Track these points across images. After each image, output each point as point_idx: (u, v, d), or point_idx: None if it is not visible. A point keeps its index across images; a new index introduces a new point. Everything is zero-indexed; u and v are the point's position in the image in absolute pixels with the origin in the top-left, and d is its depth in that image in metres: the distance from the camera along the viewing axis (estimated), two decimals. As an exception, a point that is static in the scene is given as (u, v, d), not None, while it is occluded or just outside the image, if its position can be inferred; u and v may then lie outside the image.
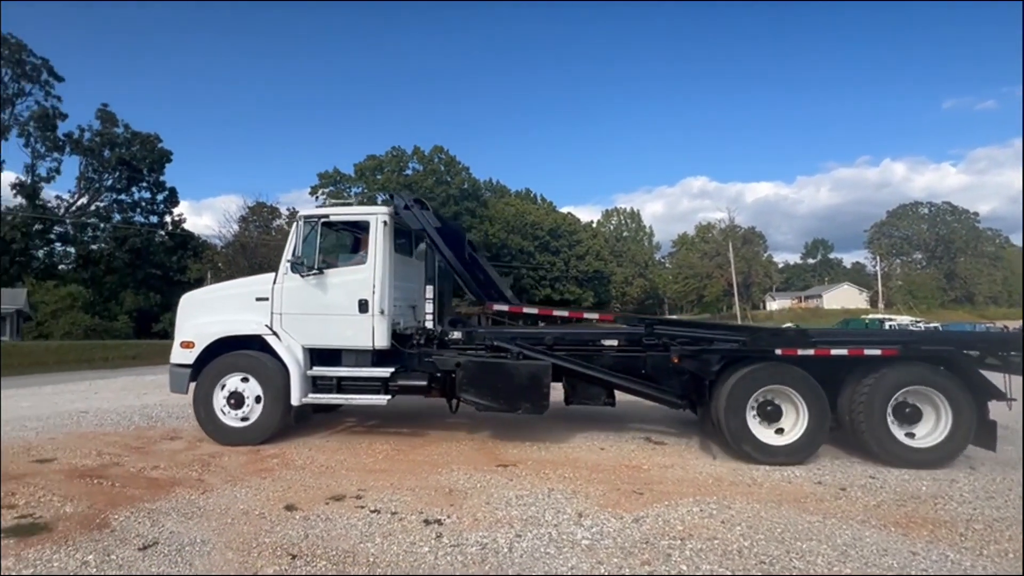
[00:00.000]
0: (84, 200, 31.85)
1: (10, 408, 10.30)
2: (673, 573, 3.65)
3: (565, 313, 8.28)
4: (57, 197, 31.41)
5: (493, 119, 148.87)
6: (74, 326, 34.66)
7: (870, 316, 45.95)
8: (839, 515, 4.63)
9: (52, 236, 31.31)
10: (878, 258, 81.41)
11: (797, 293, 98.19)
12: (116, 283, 34.86)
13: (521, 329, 8.05)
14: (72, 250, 31.88)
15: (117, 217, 32.50)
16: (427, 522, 4.50)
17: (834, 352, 6.39)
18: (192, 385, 7.31)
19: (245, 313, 7.43)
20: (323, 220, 7.40)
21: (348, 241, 8.22)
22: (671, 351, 6.96)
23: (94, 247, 30.93)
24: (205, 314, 7.66)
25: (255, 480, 5.63)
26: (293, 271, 7.30)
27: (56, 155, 30.34)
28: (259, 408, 7.15)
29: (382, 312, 7.20)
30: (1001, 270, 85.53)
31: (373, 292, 7.18)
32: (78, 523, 4.49)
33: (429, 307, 7.76)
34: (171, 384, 7.53)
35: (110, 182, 32.18)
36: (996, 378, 6.37)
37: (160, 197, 33.30)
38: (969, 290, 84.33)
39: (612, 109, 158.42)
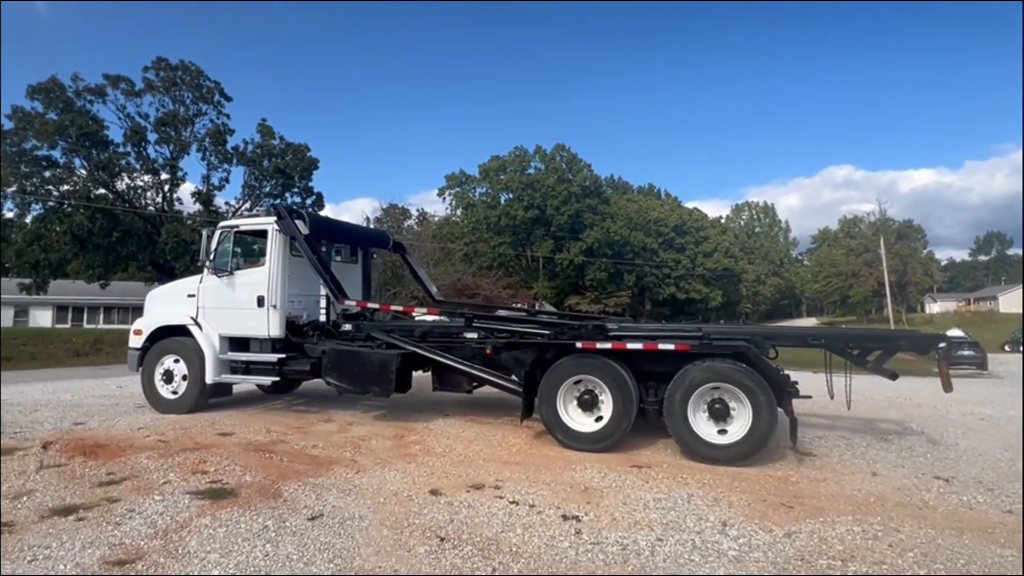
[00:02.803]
0: (248, 205, 35.75)
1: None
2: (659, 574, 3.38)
3: (400, 308, 9.40)
4: (226, 203, 35.49)
5: (614, 114, 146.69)
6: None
7: (1061, 322, 39.17)
8: (1039, 551, 4.00)
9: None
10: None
11: (965, 294, 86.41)
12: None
13: (399, 322, 8.93)
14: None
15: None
16: (565, 517, 4.53)
17: (629, 346, 6.61)
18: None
19: (180, 307, 8.92)
20: (234, 230, 8.93)
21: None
22: (487, 343, 7.62)
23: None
24: (157, 307, 9.27)
25: (401, 464, 6.02)
26: (212, 272, 8.69)
27: (226, 166, 34.32)
28: (184, 384, 8.64)
29: (275, 306, 8.40)
30: None
31: (268, 289, 8.41)
32: (257, 491, 5.07)
33: (323, 302, 8.68)
34: (128, 364, 9.12)
35: (268, 188, 35.81)
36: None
37: (309, 202, 36.47)
38: None
39: (739, 96, 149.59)
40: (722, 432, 6.22)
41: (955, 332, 21.60)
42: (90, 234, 28.89)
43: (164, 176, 32.69)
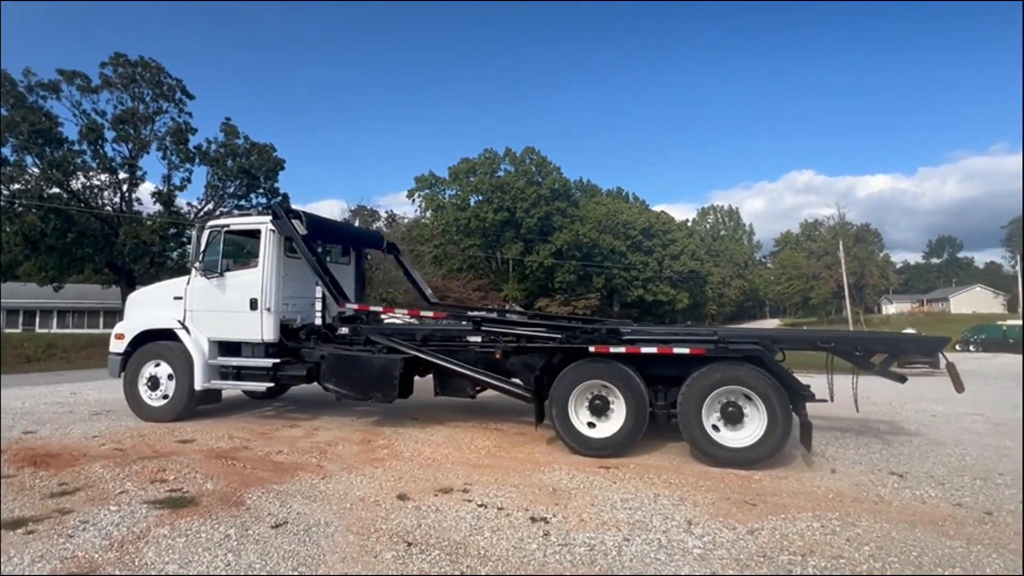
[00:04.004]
0: (211, 206, 34.84)
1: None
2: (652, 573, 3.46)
3: (405, 311, 9.07)
4: (188, 204, 34.43)
5: (583, 118, 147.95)
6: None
7: (1008, 322, 41.06)
8: (986, 542, 4.18)
9: (184, 239, 34.46)
10: (1018, 257, 72.32)
11: (919, 296, 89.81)
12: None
13: (399, 325, 8.71)
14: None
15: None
16: (533, 519, 4.54)
17: (644, 350, 6.50)
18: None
19: (166, 310, 8.56)
20: (225, 229, 8.51)
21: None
22: (495, 348, 7.47)
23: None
24: (140, 310, 8.93)
25: (368, 469, 5.95)
26: (201, 273, 8.34)
27: (188, 166, 33.25)
28: (172, 391, 8.29)
29: (268, 309, 8.10)
30: None
31: (261, 292, 8.10)
32: (218, 499, 4.95)
33: (319, 305, 8.42)
34: (109, 369, 8.71)
35: (232, 189, 34.93)
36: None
37: (274, 203, 35.80)
38: None
39: (705, 101, 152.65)
40: (737, 436, 6.13)
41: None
42: (42, 235, 27.77)
43: (122, 175, 31.63)
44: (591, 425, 6.60)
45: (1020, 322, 39.97)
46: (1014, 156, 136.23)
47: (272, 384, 8.30)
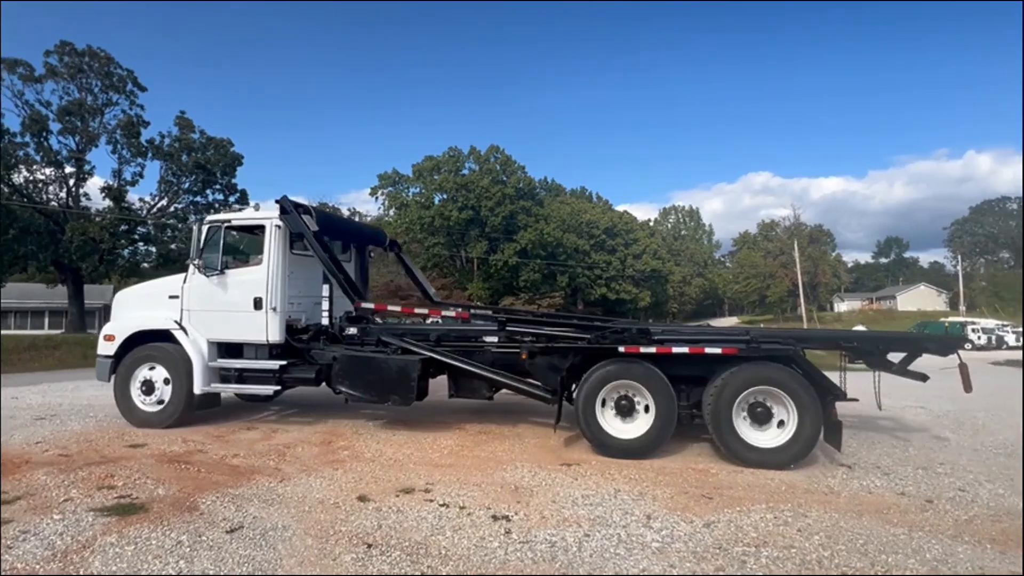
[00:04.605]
0: (164, 202, 33.70)
1: (96, 396, 11.01)
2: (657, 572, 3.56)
3: (425, 311, 8.98)
4: (140, 200, 33.15)
5: (548, 118, 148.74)
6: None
7: (950, 319, 43.14)
8: (927, 528, 4.38)
9: (136, 236, 33.24)
10: (959, 257, 75.87)
11: (868, 294, 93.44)
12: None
13: (411, 326, 8.53)
14: (153, 249, 33.72)
15: (193, 218, 34.25)
16: (495, 518, 4.55)
17: (675, 350, 6.43)
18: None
19: (160, 310, 8.12)
20: (225, 225, 8.10)
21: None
22: (520, 348, 7.29)
23: (172, 247, 32.54)
24: (130, 310, 8.44)
25: (328, 471, 5.85)
26: (200, 271, 7.94)
27: (140, 160, 31.94)
28: (168, 395, 7.87)
29: (274, 309, 7.75)
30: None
31: (267, 291, 7.75)
32: (170, 505, 4.79)
33: (325, 304, 8.15)
34: (97, 373, 8.24)
35: (187, 185, 33.77)
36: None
37: (232, 199, 34.73)
38: (1064, 292, 77.52)
39: (666, 103, 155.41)
40: (766, 437, 6.09)
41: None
42: (-19, 231, 26.40)
43: (69, 169, 30.32)
44: (618, 425, 6.49)
45: (960, 319, 42.03)
46: (955, 161, 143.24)
47: (279, 387, 7.98)
